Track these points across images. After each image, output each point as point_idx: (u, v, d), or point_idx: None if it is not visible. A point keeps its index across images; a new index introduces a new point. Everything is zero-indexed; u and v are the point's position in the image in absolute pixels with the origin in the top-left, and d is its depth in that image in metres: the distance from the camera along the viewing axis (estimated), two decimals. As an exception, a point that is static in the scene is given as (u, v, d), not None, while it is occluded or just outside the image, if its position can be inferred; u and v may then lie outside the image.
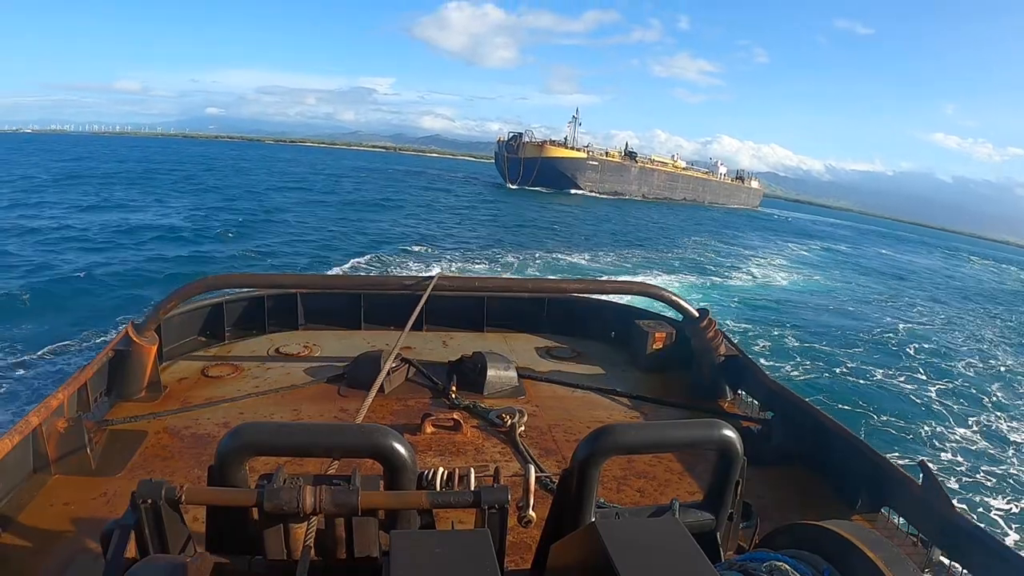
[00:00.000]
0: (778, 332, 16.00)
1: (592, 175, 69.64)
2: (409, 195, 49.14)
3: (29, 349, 10.07)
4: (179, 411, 3.51)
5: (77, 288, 14.11)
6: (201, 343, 4.56)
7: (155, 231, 22.18)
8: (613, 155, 75.16)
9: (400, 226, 29.32)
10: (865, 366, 14.00)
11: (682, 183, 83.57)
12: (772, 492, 3.04)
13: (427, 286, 4.17)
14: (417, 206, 40.87)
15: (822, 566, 1.40)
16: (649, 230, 40.60)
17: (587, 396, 4.11)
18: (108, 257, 17.41)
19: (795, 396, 3.64)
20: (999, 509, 7.92)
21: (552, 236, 30.92)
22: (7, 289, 12.96)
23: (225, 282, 4.32)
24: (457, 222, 33.59)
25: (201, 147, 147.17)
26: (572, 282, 4.79)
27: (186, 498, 1.48)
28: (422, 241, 24.85)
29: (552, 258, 24.00)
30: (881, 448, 3.14)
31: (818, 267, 33.68)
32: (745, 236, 45.83)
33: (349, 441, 1.64)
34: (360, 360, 4.11)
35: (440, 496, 1.59)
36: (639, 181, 76.44)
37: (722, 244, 37.26)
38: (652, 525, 1.61)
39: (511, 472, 3.01)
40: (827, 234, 66.49)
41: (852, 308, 21.73)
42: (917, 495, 2.63)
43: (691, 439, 1.75)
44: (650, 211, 58.40)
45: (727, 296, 20.75)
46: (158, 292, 13.03)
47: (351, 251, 21.18)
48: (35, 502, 2.61)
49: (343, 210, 34.12)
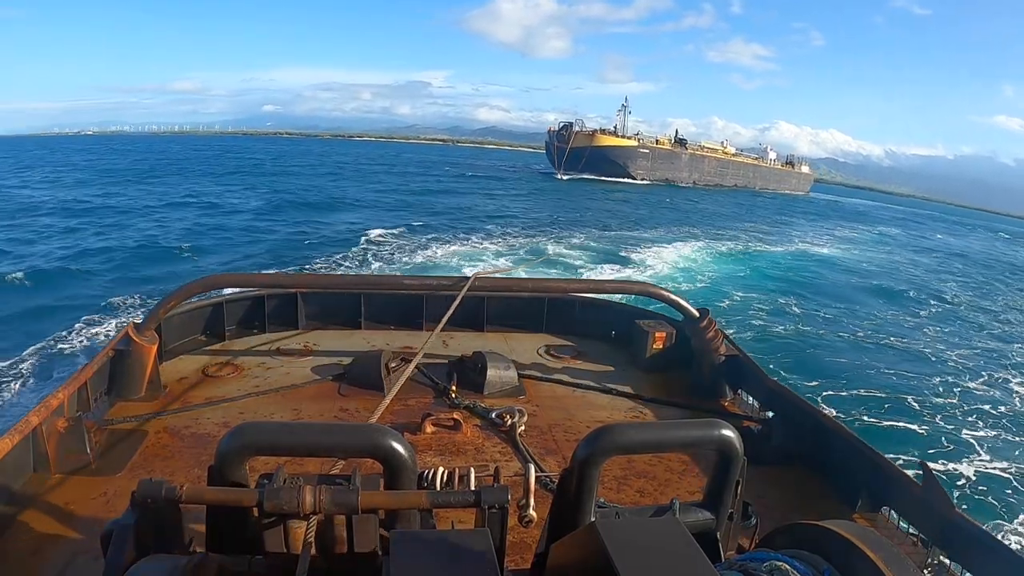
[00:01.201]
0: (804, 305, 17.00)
1: (643, 163, 69.61)
2: (455, 184, 51.96)
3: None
4: (179, 411, 3.51)
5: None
6: (201, 343, 4.56)
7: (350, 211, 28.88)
8: (663, 142, 75.08)
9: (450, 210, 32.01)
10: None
11: (732, 169, 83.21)
12: (772, 492, 3.04)
13: (463, 286, 4.19)
14: (464, 193, 43.53)
15: (822, 566, 1.40)
16: (702, 216, 41.14)
17: (587, 396, 4.11)
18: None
19: (795, 396, 3.64)
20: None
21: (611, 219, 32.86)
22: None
23: (225, 282, 4.32)
24: (505, 207, 35.44)
25: (263, 143, 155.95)
26: (572, 282, 4.80)
27: (186, 498, 1.48)
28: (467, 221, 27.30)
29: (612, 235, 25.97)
30: (882, 446, 3.14)
31: (862, 246, 34.76)
32: (794, 220, 46.49)
33: (349, 441, 1.64)
34: (360, 360, 4.11)
35: (440, 496, 1.59)
36: (690, 168, 76.15)
37: (771, 227, 38.31)
38: (652, 525, 1.61)
39: (511, 472, 3.01)
40: (880, 218, 66.28)
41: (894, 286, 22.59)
42: (917, 495, 2.63)
43: (691, 439, 1.75)
44: (701, 197, 58.98)
45: (764, 266, 22.58)
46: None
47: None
48: (35, 502, 2.61)
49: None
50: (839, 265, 26.31)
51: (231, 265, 17.12)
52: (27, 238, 19.34)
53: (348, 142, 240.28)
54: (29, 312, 12.08)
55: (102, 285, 14.34)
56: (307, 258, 18.03)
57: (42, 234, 20.13)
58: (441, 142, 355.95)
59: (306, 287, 5.05)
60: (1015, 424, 10.59)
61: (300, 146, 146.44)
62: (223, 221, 24.64)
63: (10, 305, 12.31)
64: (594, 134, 67.42)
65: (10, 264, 15.46)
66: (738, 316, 15.39)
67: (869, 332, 15.43)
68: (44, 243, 18.78)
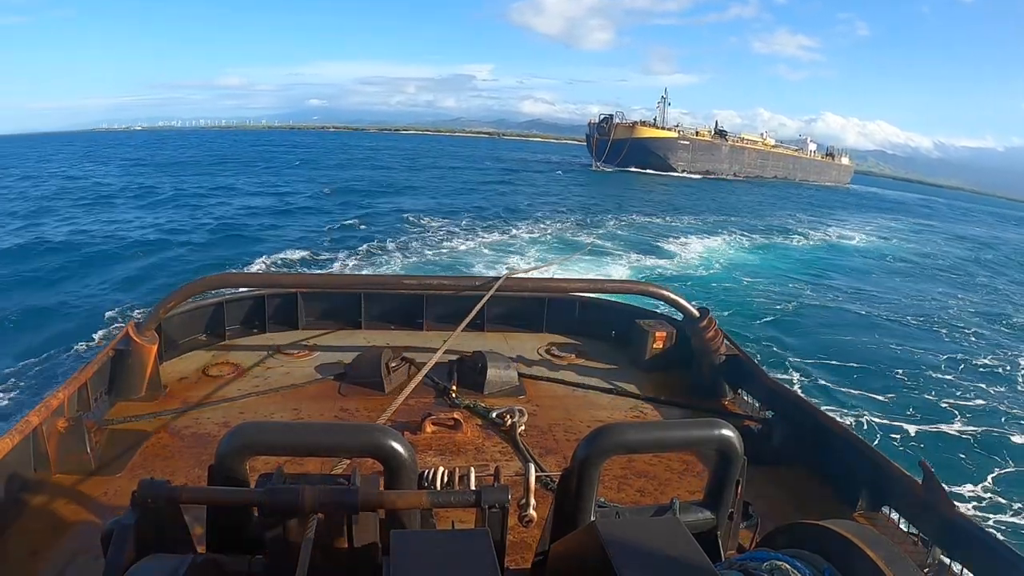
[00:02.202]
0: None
1: (683, 154, 69.35)
2: (499, 176, 53.77)
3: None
4: (179, 411, 3.51)
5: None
6: (201, 343, 4.56)
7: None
8: (703, 134, 74.72)
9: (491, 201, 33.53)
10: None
11: (772, 161, 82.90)
12: (772, 492, 3.04)
13: (491, 286, 4.19)
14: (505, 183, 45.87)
15: (822, 566, 1.40)
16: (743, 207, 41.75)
17: (587, 395, 4.11)
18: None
19: (795, 395, 3.64)
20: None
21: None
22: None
23: (225, 282, 4.33)
24: (543, 199, 36.42)
25: (313, 137, 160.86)
26: (572, 281, 4.78)
27: (186, 498, 1.48)
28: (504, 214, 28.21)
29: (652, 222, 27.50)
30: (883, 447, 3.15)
31: (899, 236, 35.34)
32: (833, 211, 46.81)
33: (349, 441, 1.64)
34: (360, 359, 4.11)
35: (440, 496, 1.59)
36: (730, 160, 75.81)
37: (810, 217, 38.92)
38: (652, 525, 1.61)
39: (511, 471, 3.01)
40: (920, 211, 66.18)
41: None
42: (917, 495, 2.62)
43: (691, 438, 1.75)
44: (741, 189, 59.42)
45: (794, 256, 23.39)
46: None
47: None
48: (35, 502, 2.61)
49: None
50: (869, 254, 26.97)
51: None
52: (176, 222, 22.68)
53: (395, 135, 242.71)
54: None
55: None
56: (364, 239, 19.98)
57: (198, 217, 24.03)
58: (487, 135, 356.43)
59: (306, 287, 5.05)
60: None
61: (351, 139, 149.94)
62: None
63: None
64: (634, 126, 67.37)
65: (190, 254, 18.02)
66: (764, 306, 15.74)
67: (887, 317, 15.69)
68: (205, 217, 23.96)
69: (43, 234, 19.29)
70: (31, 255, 16.58)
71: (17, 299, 12.80)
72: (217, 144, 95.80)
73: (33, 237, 18.74)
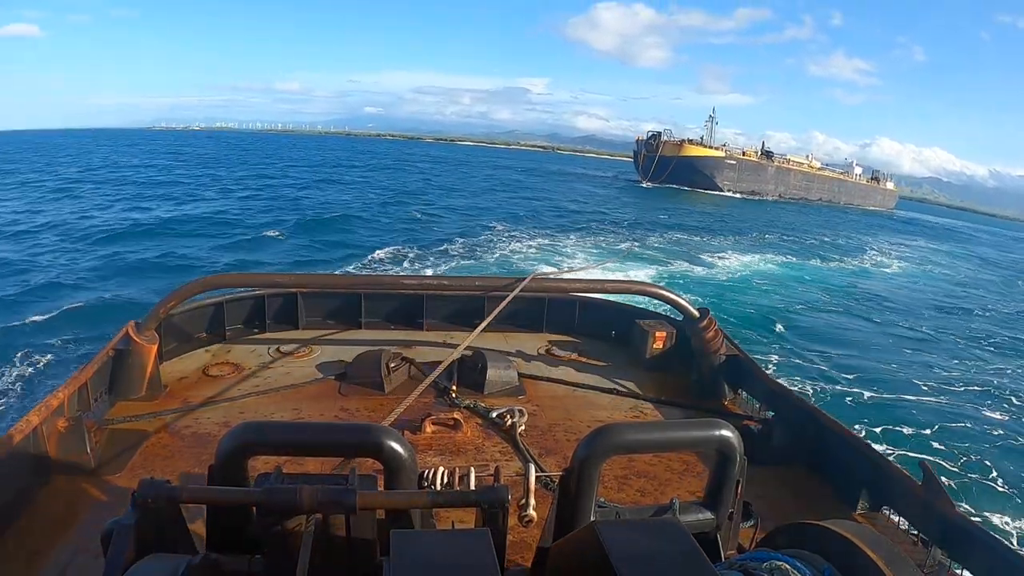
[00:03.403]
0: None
1: (729, 174, 69.36)
2: (552, 187, 58.16)
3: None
4: (179, 411, 3.51)
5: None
6: (201, 342, 4.56)
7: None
8: (750, 154, 74.78)
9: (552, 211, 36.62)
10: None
11: (817, 183, 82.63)
12: (772, 492, 3.04)
13: (515, 287, 4.20)
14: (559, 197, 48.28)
15: (822, 566, 1.40)
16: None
17: (587, 395, 4.11)
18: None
19: (795, 396, 3.64)
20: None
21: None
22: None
23: (225, 282, 4.32)
24: (589, 211, 38.74)
25: (371, 144, 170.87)
26: (573, 281, 4.79)
27: (186, 497, 1.48)
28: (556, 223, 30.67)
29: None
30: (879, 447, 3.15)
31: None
32: (875, 236, 47.30)
33: (349, 440, 1.64)
34: (360, 359, 4.11)
35: (440, 495, 1.59)
36: (775, 181, 75.77)
37: (845, 241, 39.46)
38: (652, 525, 1.61)
39: (511, 471, 3.01)
40: (969, 238, 66.66)
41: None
42: (917, 495, 2.62)
43: (691, 438, 1.75)
44: (785, 210, 59.86)
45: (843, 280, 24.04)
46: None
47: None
48: (35, 502, 2.61)
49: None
50: (899, 280, 27.19)
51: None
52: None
53: (451, 145, 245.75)
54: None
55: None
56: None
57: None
58: (541, 149, 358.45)
59: (306, 287, 5.05)
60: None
61: (411, 148, 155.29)
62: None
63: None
64: (682, 144, 67.54)
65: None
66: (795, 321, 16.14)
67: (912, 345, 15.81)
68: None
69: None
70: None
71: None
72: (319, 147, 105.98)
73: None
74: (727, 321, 14.13)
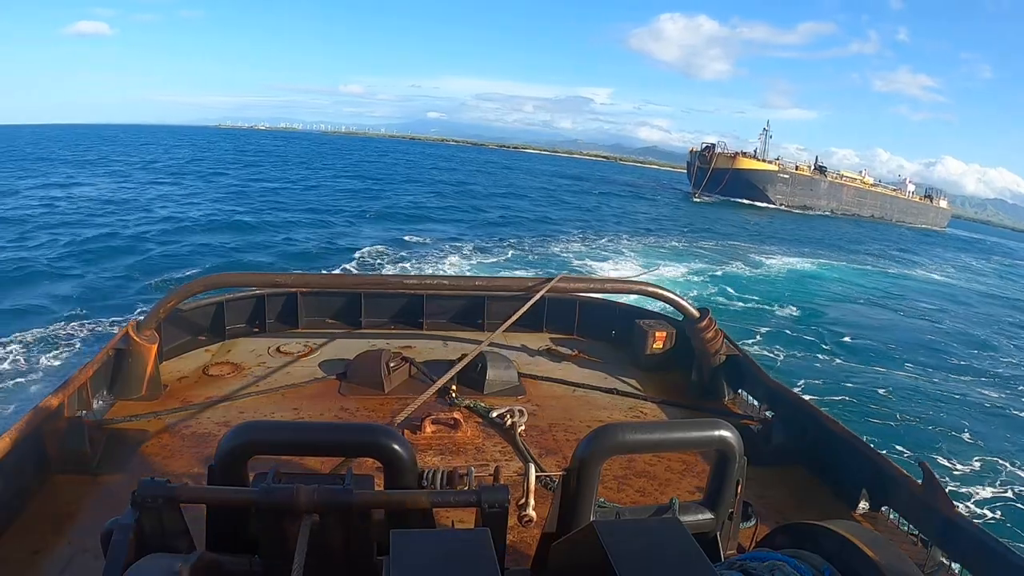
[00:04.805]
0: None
1: (782, 187, 68.79)
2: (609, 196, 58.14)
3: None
4: (179, 410, 3.51)
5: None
6: (201, 342, 4.56)
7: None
8: (803, 169, 74.03)
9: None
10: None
11: (870, 199, 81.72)
12: (772, 492, 3.04)
13: (540, 289, 4.19)
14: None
15: (822, 566, 1.40)
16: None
17: (587, 395, 4.11)
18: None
19: (795, 396, 3.64)
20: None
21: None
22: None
23: (225, 281, 4.32)
24: (643, 219, 40.24)
25: (437, 149, 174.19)
26: (573, 281, 4.78)
27: (185, 497, 1.48)
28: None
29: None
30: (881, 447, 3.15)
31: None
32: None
33: (350, 440, 1.64)
34: (360, 359, 4.11)
35: (440, 495, 1.60)
36: (828, 196, 74.93)
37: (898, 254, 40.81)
38: (651, 525, 1.61)
39: (511, 471, 3.01)
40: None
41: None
42: (917, 495, 2.62)
43: (691, 439, 1.75)
44: (837, 225, 59.83)
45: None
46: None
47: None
48: (35, 502, 2.61)
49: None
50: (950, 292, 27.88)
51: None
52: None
53: (514, 153, 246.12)
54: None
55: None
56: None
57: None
58: (604, 158, 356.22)
59: (306, 287, 5.05)
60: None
61: (481, 155, 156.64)
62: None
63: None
64: (735, 156, 67.04)
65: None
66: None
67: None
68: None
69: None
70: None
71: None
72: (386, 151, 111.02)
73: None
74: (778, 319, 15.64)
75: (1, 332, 10.28)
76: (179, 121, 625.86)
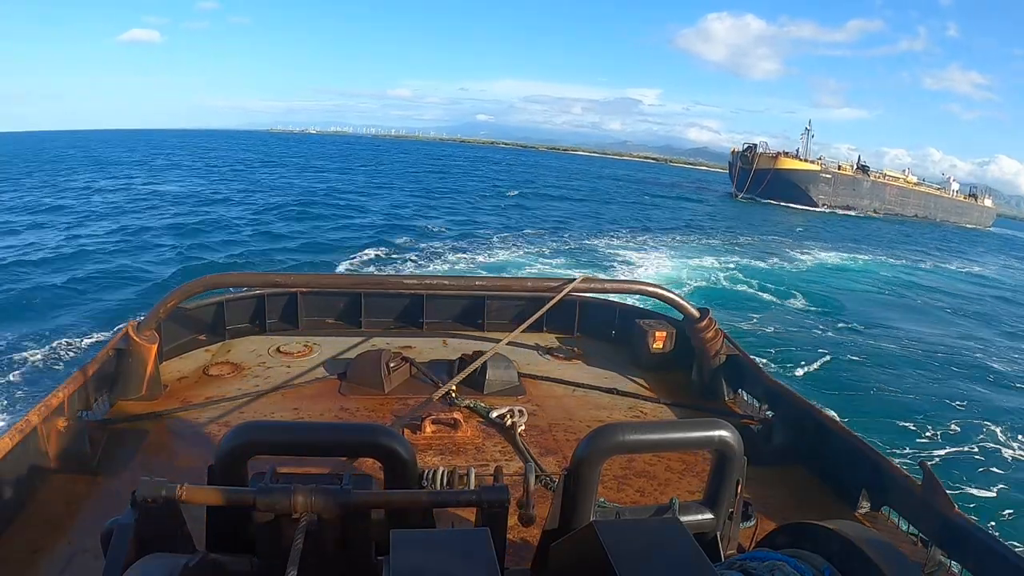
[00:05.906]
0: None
1: (824, 188, 68.03)
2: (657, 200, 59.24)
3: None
4: (179, 410, 3.51)
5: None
6: (201, 342, 4.56)
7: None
8: (845, 168, 73.19)
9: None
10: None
11: (913, 199, 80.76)
12: (772, 492, 3.03)
13: (561, 289, 4.16)
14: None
15: (822, 565, 1.40)
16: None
17: (587, 395, 4.11)
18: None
19: (795, 396, 3.64)
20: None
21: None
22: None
23: (225, 281, 4.32)
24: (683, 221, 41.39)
25: (488, 152, 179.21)
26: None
27: (185, 497, 1.48)
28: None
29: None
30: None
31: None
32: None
33: (350, 440, 1.64)
34: (361, 359, 4.11)
35: (440, 495, 1.60)
36: (871, 196, 74.08)
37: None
38: (651, 525, 1.61)
39: (511, 471, 3.01)
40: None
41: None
42: (917, 495, 2.62)
43: (691, 439, 1.75)
44: (885, 228, 59.64)
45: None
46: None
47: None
48: (35, 502, 2.61)
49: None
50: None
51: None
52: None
53: (564, 155, 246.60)
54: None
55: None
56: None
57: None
58: (653, 160, 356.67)
59: (306, 287, 5.05)
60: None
61: (532, 158, 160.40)
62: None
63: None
64: (777, 156, 66.55)
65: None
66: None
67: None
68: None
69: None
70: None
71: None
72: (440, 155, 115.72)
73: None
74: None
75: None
76: (228, 126, 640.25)
